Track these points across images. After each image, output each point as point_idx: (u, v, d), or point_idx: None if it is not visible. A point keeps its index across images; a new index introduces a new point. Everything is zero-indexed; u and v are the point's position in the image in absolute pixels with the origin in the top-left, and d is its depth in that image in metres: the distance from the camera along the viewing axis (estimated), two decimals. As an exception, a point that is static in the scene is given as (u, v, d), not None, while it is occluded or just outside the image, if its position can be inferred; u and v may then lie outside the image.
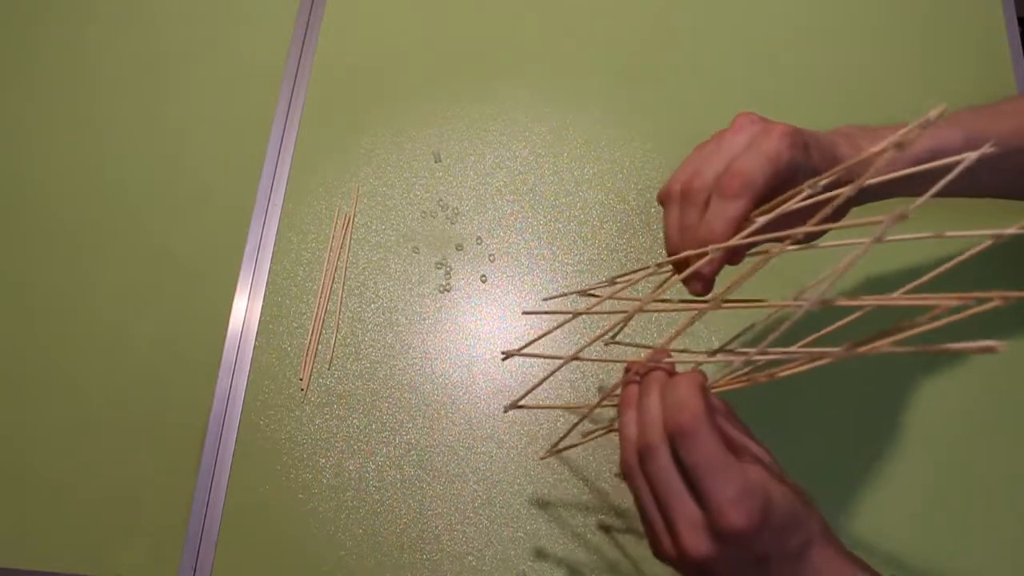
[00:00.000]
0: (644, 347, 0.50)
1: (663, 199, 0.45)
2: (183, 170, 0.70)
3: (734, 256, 0.42)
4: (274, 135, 0.71)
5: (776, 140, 0.41)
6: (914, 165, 0.40)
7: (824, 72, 0.72)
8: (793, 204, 0.39)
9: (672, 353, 0.43)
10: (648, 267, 0.46)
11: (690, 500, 0.38)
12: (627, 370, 0.44)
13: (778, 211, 0.39)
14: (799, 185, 0.40)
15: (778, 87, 0.72)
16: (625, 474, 0.41)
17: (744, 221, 0.40)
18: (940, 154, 0.46)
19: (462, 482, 0.60)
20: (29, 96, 0.74)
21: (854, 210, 0.46)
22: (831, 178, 0.38)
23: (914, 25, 0.74)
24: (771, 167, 0.40)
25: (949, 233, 0.35)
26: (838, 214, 0.46)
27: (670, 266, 0.44)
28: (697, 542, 0.38)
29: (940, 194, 0.50)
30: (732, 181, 0.40)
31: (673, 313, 0.62)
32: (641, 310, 0.42)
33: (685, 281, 0.42)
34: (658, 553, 0.40)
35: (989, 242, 0.34)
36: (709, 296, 0.43)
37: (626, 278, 0.48)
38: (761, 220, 0.39)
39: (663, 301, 0.47)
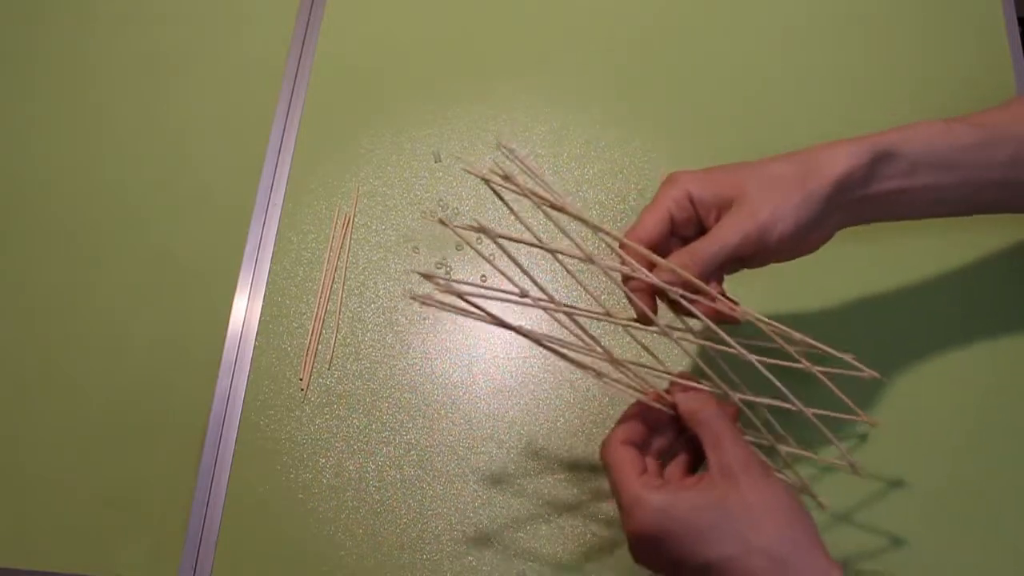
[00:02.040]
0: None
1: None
2: (183, 170, 0.70)
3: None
4: (274, 135, 0.71)
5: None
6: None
7: (824, 72, 0.72)
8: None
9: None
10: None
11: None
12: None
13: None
14: (712, 207, 0.46)
15: (778, 88, 0.72)
16: None
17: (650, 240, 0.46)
18: (910, 138, 0.48)
19: (462, 482, 0.60)
20: (29, 96, 0.74)
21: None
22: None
23: (914, 25, 0.74)
24: (652, 208, 0.47)
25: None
26: (822, 236, 0.48)
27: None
28: (628, 543, 0.44)
29: (936, 214, 0.51)
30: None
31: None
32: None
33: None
34: None
35: None
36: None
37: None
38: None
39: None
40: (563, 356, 0.45)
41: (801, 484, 0.52)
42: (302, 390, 0.62)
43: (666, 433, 0.47)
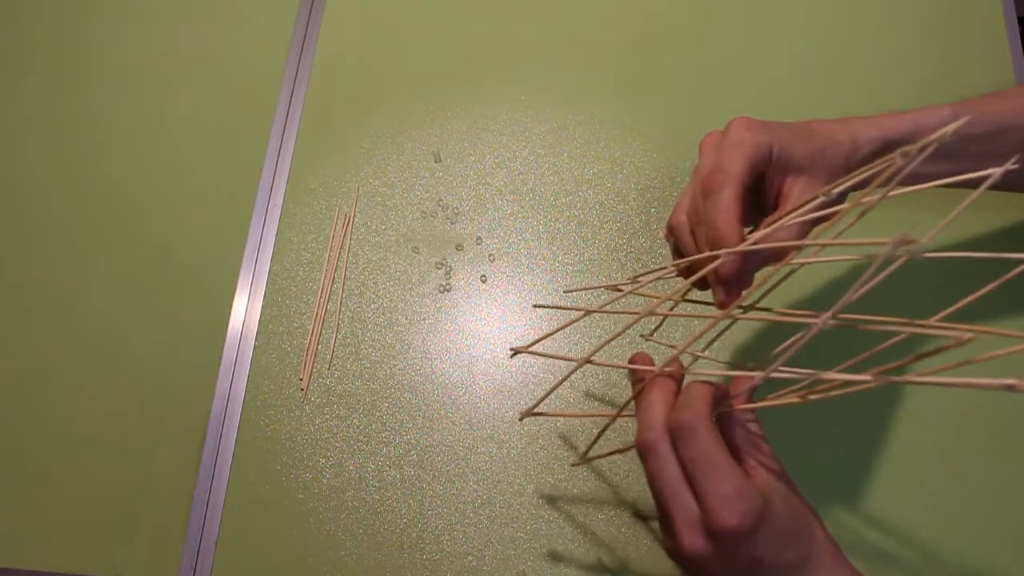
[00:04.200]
0: (668, 345, 0.49)
1: (672, 229, 0.47)
2: (183, 170, 0.70)
3: (748, 262, 0.43)
4: (274, 135, 0.71)
5: (734, 131, 0.44)
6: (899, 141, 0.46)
7: (823, 72, 0.72)
8: (800, 214, 0.41)
9: (687, 360, 0.44)
10: (665, 267, 0.46)
11: (688, 496, 0.38)
12: (632, 360, 0.44)
13: (784, 220, 0.40)
14: (785, 170, 0.44)
15: (777, 87, 0.72)
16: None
17: (742, 219, 0.42)
18: (923, 128, 0.48)
19: (462, 482, 0.59)
20: (29, 96, 0.74)
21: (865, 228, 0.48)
22: (851, 182, 0.39)
23: (914, 25, 0.74)
24: (738, 152, 0.43)
25: (980, 254, 0.35)
26: (836, 201, 0.47)
27: (689, 270, 0.46)
28: (692, 539, 0.38)
29: (944, 186, 0.51)
30: (711, 179, 0.43)
31: (693, 319, 0.62)
32: (653, 313, 0.42)
33: (710, 290, 0.44)
34: (664, 548, 0.41)
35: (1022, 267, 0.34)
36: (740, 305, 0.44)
37: (647, 276, 0.48)
38: (769, 228, 0.41)
39: (687, 301, 0.48)
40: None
41: None
42: (302, 390, 0.62)
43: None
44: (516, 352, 0.46)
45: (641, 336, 0.60)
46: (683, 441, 0.39)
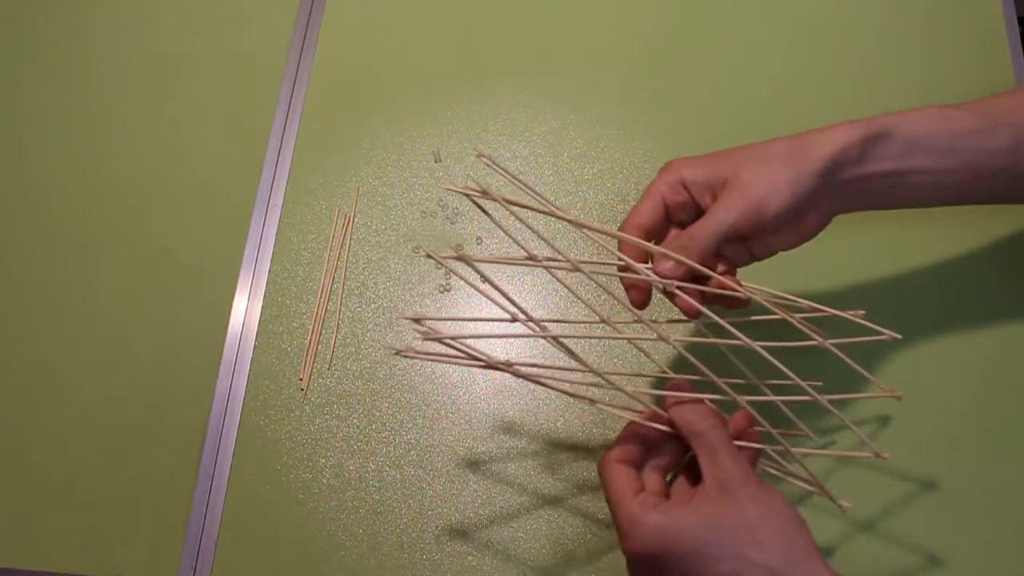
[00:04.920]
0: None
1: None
2: (183, 170, 0.70)
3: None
4: (274, 135, 0.71)
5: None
6: (938, 152, 0.47)
7: (822, 72, 0.72)
8: None
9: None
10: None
11: None
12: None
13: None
14: (712, 188, 0.47)
15: (777, 87, 0.72)
16: None
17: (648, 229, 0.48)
18: (901, 122, 0.47)
19: (462, 482, 0.60)
20: (29, 96, 0.74)
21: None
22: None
23: (914, 25, 0.74)
24: (646, 195, 0.48)
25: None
26: (819, 219, 0.48)
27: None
28: (626, 563, 0.44)
29: (935, 203, 0.51)
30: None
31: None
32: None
33: (626, 287, 0.48)
34: None
35: None
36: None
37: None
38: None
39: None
40: (553, 388, 0.45)
41: (820, 488, 0.50)
42: (302, 390, 0.62)
43: (667, 449, 0.47)
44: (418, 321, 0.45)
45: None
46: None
